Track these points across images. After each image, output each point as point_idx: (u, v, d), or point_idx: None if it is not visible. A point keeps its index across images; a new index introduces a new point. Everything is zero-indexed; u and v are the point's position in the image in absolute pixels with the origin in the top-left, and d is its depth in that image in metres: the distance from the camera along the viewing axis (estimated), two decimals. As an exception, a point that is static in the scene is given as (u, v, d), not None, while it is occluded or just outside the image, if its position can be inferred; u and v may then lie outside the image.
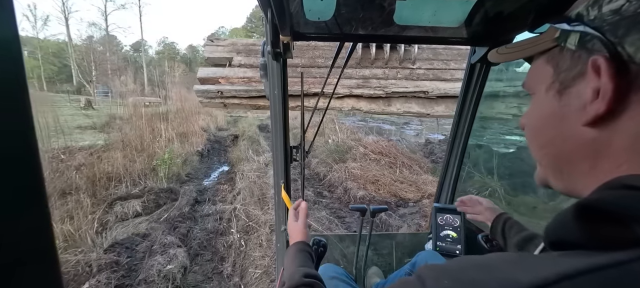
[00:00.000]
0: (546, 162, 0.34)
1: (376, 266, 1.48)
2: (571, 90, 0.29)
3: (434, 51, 17.36)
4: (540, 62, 0.34)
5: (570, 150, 0.30)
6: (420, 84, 16.30)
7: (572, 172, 0.31)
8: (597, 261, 0.21)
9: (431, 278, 0.27)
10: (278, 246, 1.36)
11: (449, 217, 1.29)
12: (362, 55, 16.11)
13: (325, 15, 0.87)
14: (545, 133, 0.33)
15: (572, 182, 0.32)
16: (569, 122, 0.29)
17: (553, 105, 0.31)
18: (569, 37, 0.29)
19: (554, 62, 0.31)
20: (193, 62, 44.74)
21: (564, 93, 0.30)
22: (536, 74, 0.35)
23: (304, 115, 1.17)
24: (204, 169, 6.12)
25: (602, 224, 0.23)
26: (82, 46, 33.61)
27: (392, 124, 13.41)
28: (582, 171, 0.30)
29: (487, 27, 0.94)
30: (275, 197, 1.28)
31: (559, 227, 0.27)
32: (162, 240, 2.76)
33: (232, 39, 19.66)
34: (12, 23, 0.18)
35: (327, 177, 5.18)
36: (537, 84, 0.34)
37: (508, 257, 0.27)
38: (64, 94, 19.28)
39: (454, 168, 1.41)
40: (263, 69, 1.05)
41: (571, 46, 0.29)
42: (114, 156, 4.61)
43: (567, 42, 0.29)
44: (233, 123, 12.55)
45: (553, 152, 0.33)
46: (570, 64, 0.29)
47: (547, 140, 0.33)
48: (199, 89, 16.76)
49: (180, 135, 7.33)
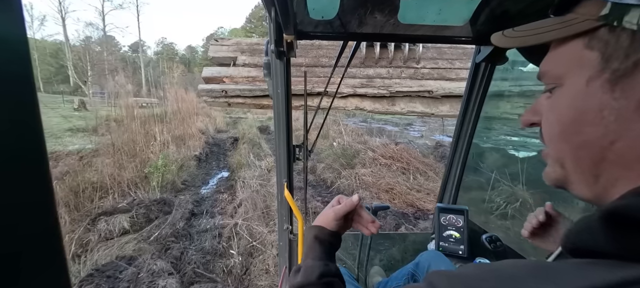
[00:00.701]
0: (579, 165, 0.29)
1: (378, 266, 1.47)
2: (629, 80, 0.24)
3: (438, 50, 17.14)
4: (573, 46, 0.28)
5: (623, 152, 0.25)
6: (424, 83, 16.07)
7: (616, 177, 0.26)
8: (629, 274, 0.20)
9: (444, 287, 0.26)
10: (280, 245, 1.37)
11: (452, 217, 1.29)
12: (366, 54, 15.91)
13: (328, 14, 0.87)
14: (587, 131, 0.27)
15: (609, 189, 0.27)
16: (626, 119, 0.25)
17: (602, 99, 0.26)
18: (627, 14, 0.24)
19: (601, 45, 0.26)
20: (192, 63, 44.92)
21: (619, 84, 0.25)
22: (566, 61, 0.29)
23: (307, 114, 1.20)
24: (201, 176, 5.64)
25: (634, 233, 0.21)
26: (79, 46, 32.86)
27: (395, 124, 13.17)
28: (629, 176, 0.25)
29: (492, 26, 0.91)
30: (278, 195, 1.30)
31: (583, 233, 0.25)
32: (151, 267, 2.35)
33: (236, 39, 20.03)
34: (21, 22, 0.18)
35: (335, 185, 4.79)
36: (569, 73, 0.29)
37: (525, 265, 0.26)
38: (59, 94, 18.96)
39: (457, 168, 1.41)
40: (267, 68, 1.03)
41: (631, 25, 0.24)
42: (103, 162, 4.22)
43: (624, 20, 0.24)
44: (232, 124, 12.08)
45: (595, 154, 0.27)
46: (629, 48, 0.24)
47: (589, 139, 0.27)
48: (204, 88, 16.74)
49: (177, 138, 6.93)
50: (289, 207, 1.26)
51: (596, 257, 0.23)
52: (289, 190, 1.24)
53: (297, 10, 0.85)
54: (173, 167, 5.00)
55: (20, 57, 0.18)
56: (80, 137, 6.83)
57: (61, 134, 7.53)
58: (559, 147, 0.30)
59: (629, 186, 0.25)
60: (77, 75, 28.02)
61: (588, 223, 0.25)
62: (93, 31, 36.67)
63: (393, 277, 1.16)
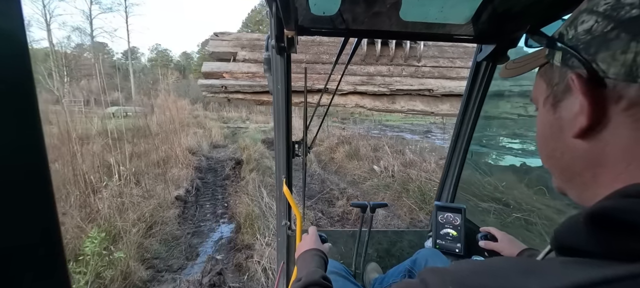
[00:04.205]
0: (555, 172, 0.35)
1: (375, 262, 1.49)
2: (562, 103, 0.30)
3: (440, 48, 17.02)
4: (538, 76, 0.36)
5: (570, 161, 0.31)
6: (425, 82, 15.96)
7: (578, 182, 0.31)
8: (611, 272, 0.21)
9: (435, 283, 0.27)
10: (279, 240, 1.39)
11: (450, 215, 1.31)
12: (367, 51, 15.78)
13: (330, 10, 0.86)
14: (548, 144, 0.34)
15: (582, 192, 0.31)
16: (565, 135, 0.30)
17: (550, 118, 0.33)
18: (555, 55, 0.31)
19: (547, 76, 0.33)
20: (187, 69, 43.82)
21: (557, 106, 0.31)
22: (537, 87, 0.36)
23: (307, 110, 1.20)
24: (183, 244, 3.12)
25: (615, 233, 0.23)
26: (61, 52, 29.07)
27: (412, 132, 11.89)
28: (585, 182, 0.30)
29: (494, 25, 0.93)
30: (277, 191, 1.31)
31: (569, 232, 0.27)
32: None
33: (236, 34, 19.18)
34: (21, 22, 0.18)
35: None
36: (538, 96, 0.36)
37: (515, 262, 0.28)
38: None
39: (456, 167, 1.42)
40: (267, 63, 1.03)
41: (557, 63, 0.31)
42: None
43: (554, 59, 0.31)
44: (231, 137, 10.42)
45: (558, 163, 0.33)
46: (559, 79, 0.31)
47: (551, 151, 0.34)
48: (204, 83, 16.51)
49: (154, 165, 4.79)
50: (287, 203, 1.27)
51: (581, 256, 0.24)
52: (288, 186, 1.25)
53: (298, 5, 0.85)
54: (133, 234, 2.79)
55: (20, 57, 0.18)
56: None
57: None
58: (542, 158, 0.36)
59: (594, 189, 0.28)
60: (49, 82, 26.78)
61: (573, 223, 0.26)
62: (79, 36, 33.64)
63: (390, 273, 1.17)
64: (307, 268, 0.71)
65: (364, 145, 7.12)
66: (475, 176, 2.66)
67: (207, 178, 5.42)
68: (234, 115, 19.65)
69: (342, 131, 10.93)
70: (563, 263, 0.25)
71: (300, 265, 0.76)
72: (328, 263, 0.79)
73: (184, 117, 8.92)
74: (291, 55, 1.05)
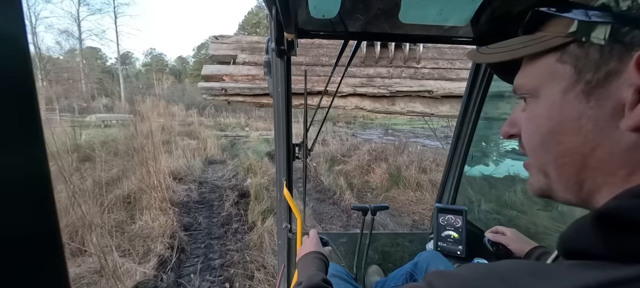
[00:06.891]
0: (562, 173, 0.29)
1: (376, 265, 1.48)
2: (602, 90, 0.25)
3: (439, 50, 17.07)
4: (545, 61, 0.30)
5: (603, 158, 0.26)
6: (424, 83, 15.98)
7: (600, 183, 0.27)
8: (620, 274, 0.20)
9: (443, 287, 0.27)
10: (279, 243, 1.39)
11: (451, 218, 1.29)
12: (367, 53, 15.82)
13: (330, 13, 0.86)
14: (567, 140, 0.28)
15: (595, 194, 0.28)
16: (603, 127, 0.26)
17: (578, 109, 0.27)
18: (594, 30, 0.25)
19: (572, 59, 0.27)
20: (182, 74, 43.04)
21: (594, 94, 0.26)
22: (540, 74, 0.30)
23: (307, 113, 1.21)
24: None
25: (624, 234, 0.22)
26: (45, 56, 26.68)
27: (427, 137, 9.97)
28: (613, 182, 0.26)
29: (493, 27, 0.92)
30: (277, 194, 1.31)
31: (576, 235, 0.26)
32: None
33: (236, 37, 19.19)
34: (21, 22, 0.18)
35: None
36: (544, 85, 0.30)
37: (523, 265, 0.26)
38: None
39: (457, 169, 1.41)
40: (267, 66, 1.04)
41: (598, 40, 0.25)
42: None
43: (591, 36, 0.25)
44: (230, 149, 8.61)
45: (576, 161, 0.28)
46: (599, 60, 0.25)
47: (570, 148, 0.28)
48: (204, 86, 16.47)
49: (122, 202, 3.35)
50: (288, 205, 1.27)
51: (589, 259, 0.24)
52: (288, 189, 1.25)
53: (298, 8, 0.85)
54: None
55: (20, 57, 0.18)
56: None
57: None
58: (541, 157, 0.32)
59: (613, 190, 0.26)
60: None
61: (580, 226, 0.25)
62: (68, 40, 31.08)
63: (391, 276, 1.17)
64: (308, 271, 0.71)
65: (405, 161, 5.59)
66: (476, 177, 2.67)
67: (196, 225, 3.54)
68: (232, 121, 17.76)
69: (355, 138, 9.60)
70: (571, 266, 0.24)
71: (301, 269, 0.76)
72: (329, 266, 0.79)
73: (174, 126, 7.20)
74: (291, 57, 1.05)
